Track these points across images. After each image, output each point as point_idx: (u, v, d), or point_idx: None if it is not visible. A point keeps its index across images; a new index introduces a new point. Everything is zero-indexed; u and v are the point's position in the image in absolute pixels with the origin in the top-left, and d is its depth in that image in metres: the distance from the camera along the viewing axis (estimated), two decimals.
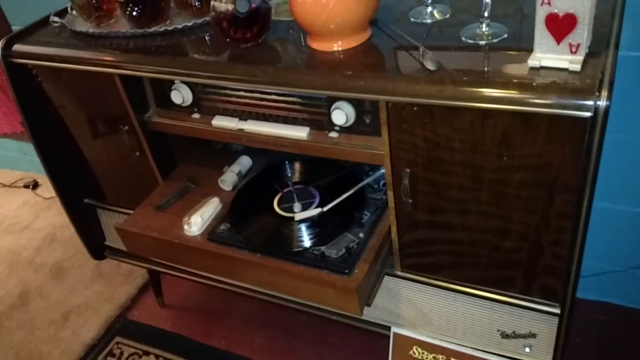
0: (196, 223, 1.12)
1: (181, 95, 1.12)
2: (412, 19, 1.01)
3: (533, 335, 1.06)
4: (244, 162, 1.27)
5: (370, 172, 1.13)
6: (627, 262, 1.33)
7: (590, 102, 0.74)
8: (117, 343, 1.64)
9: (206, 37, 1.10)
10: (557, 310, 0.98)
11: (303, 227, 1.06)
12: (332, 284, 0.95)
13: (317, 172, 1.18)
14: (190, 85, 1.11)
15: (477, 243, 0.97)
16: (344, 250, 0.99)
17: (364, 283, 0.96)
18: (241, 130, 1.08)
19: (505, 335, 1.10)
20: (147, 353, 1.59)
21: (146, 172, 1.28)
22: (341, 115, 0.97)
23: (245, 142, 1.12)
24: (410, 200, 0.97)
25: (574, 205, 0.84)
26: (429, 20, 0.99)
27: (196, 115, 1.15)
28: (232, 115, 1.10)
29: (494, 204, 0.91)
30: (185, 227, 1.12)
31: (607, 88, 0.74)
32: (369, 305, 1.03)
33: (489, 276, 1.02)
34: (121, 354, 1.60)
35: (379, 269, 1.06)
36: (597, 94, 0.74)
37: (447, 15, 0.99)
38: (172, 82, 1.12)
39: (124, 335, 1.66)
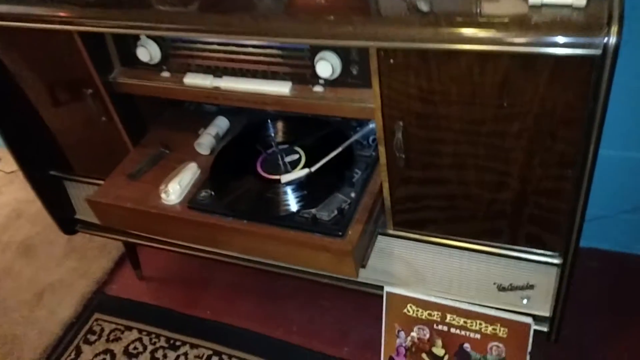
0: (174, 191, 1.04)
1: (148, 52, 1.02)
2: None
3: (531, 287, 1.04)
4: (221, 124, 1.19)
5: (358, 128, 1.06)
6: (616, 207, 1.32)
7: (599, 39, 0.68)
8: (97, 320, 1.57)
9: None
10: (557, 260, 0.96)
11: (290, 189, 1.00)
12: (326, 248, 0.90)
13: (302, 130, 1.11)
14: (157, 40, 1.02)
15: (473, 197, 0.93)
16: (335, 212, 0.93)
17: (358, 244, 0.91)
18: (217, 88, 1.00)
19: (502, 288, 1.07)
20: (129, 328, 1.53)
21: (115, 139, 1.19)
22: (326, 66, 0.90)
23: (221, 101, 1.04)
24: (403, 156, 0.92)
25: (578, 153, 0.79)
26: None
27: (166, 74, 1.06)
28: (205, 72, 1.02)
29: (492, 156, 0.86)
30: (163, 195, 1.05)
31: (617, 23, 0.68)
32: (363, 266, 0.98)
33: (485, 229, 0.98)
34: (102, 330, 1.54)
35: (372, 229, 1.02)
36: (606, 30, 0.68)
37: None
38: (137, 38, 1.02)
39: (103, 311, 1.59)
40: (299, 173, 1.00)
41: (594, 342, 1.28)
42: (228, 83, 1.00)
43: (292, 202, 0.98)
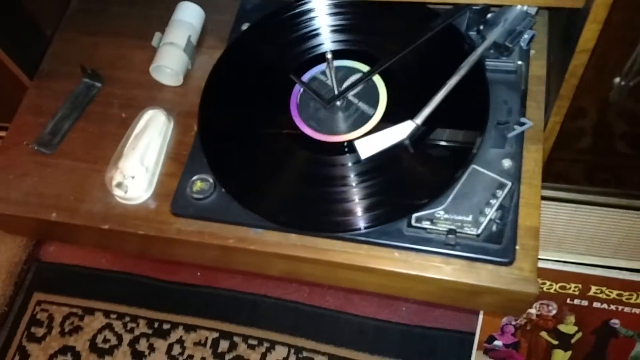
0: (137, 179, 0.53)
1: None
2: None
3: None
4: (191, 17, 0.62)
5: (488, 17, 0.53)
6: None
7: None
8: (39, 303, 1.11)
9: None
10: None
11: (371, 166, 0.50)
12: (490, 290, 0.45)
13: (376, 28, 0.57)
14: None
15: None
16: (491, 215, 0.46)
17: (534, 265, 0.47)
18: None
19: None
20: (89, 311, 1.08)
21: None
22: None
23: None
24: (630, 83, 0.43)
25: None
26: None
27: None
28: None
29: None
30: (117, 191, 0.53)
31: None
32: None
33: None
34: (50, 319, 1.09)
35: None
36: None
37: None
38: None
39: (44, 288, 1.13)
40: (393, 132, 0.49)
41: None
42: None
43: (387, 196, 0.49)
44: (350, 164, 0.51)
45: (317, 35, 0.58)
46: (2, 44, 0.62)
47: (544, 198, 0.63)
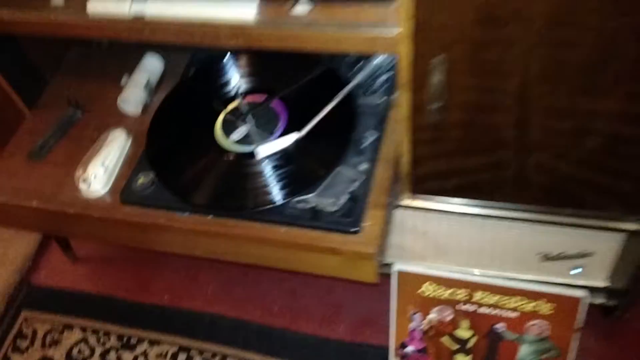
0: (98, 177, 0.72)
1: None
2: None
3: (587, 255, 0.81)
4: (152, 66, 0.84)
5: (359, 65, 0.73)
6: None
7: None
8: (26, 319, 1.25)
9: None
10: (635, 226, 0.72)
11: (272, 166, 0.69)
12: (335, 251, 0.62)
13: (279, 73, 0.78)
14: None
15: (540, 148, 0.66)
16: (344, 197, 0.64)
17: (379, 240, 0.63)
18: (139, 17, 0.65)
19: (548, 258, 0.84)
20: (68, 326, 1.23)
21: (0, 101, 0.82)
22: None
23: (150, 37, 0.68)
24: (439, 105, 0.62)
25: None
26: None
27: (58, 1, 0.68)
28: None
29: (579, 91, 0.58)
30: (82, 185, 0.72)
31: None
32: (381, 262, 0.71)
33: (540, 193, 0.72)
34: (34, 333, 1.23)
35: (391, 207, 0.73)
36: None
37: None
38: None
39: (32, 307, 1.27)
40: (283, 140, 0.69)
41: None
42: (157, 7, 0.64)
43: (278, 186, 0.67)
44: (252, 165, 0.69)
45: (237, 77, 0.78)
46: (13, 85, 0.83)
47: (427, 209, 0.80)
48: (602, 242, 0.78)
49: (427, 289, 0.92)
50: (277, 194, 0.66)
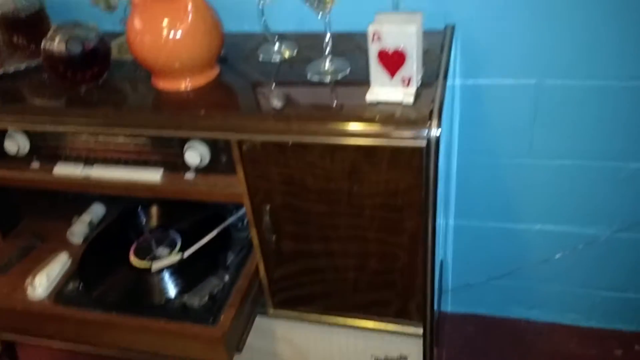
0: (41, 284, 1.01)
1: (16, 143, 1.01)
2: (260, 56, 1.01)
3: (404, 358, 1.08)
4: (96, 210, 1.18)
5: (235, 211, 1.09)
6: (488, 274, 1.41)
7: (424, 132, 0.77)
8: None
9: (44, 80, 1.03)
10: (421, 331, 1.01)
11: (165, 276, 1.00)
12: (195, 336, 0.90)
13: (178, 214, 1.13)
14: (27, 132, 1.01)
15: (340, 270, 0.98)
16: (207, 297, 0.94)
17: (231, 330, 0.92)
18: (87, 178, 1.00)
19: None
20: None
21: None
22: (195, 155, 0.93)
23: (94, 190, 1.03)
24: (274, 236, 0.95)
25: (421, 228, 0.87)
26: (277, 58, 0.99)
27: (35, 165, 1.04)
28: (76, 162, 1.02)
29: (352, 237, 0.92)
30: (29, 290, 1.01)
31: (437, 118, 0.77)
32: (239, 351, 0.98)
33: (357, 302, 1.02)
34: None
35: (249, 311, 1.03)
36: (428, 124, 0.77)
37: (295, 52, 1.00)
38: (4, 131, 1.01)
39: None
40: (170, 259, 1.01)
41: None
42: (99, 172, 1.00)
43: (166, 290, 0.97)
44: (150, 277, 1.00)
45: (148, 218, 1.13)
46: None
47: (288, 318, 1.08)
48: (410, 345, 1.05)
49: None
50: (165, 295, 0.96)
